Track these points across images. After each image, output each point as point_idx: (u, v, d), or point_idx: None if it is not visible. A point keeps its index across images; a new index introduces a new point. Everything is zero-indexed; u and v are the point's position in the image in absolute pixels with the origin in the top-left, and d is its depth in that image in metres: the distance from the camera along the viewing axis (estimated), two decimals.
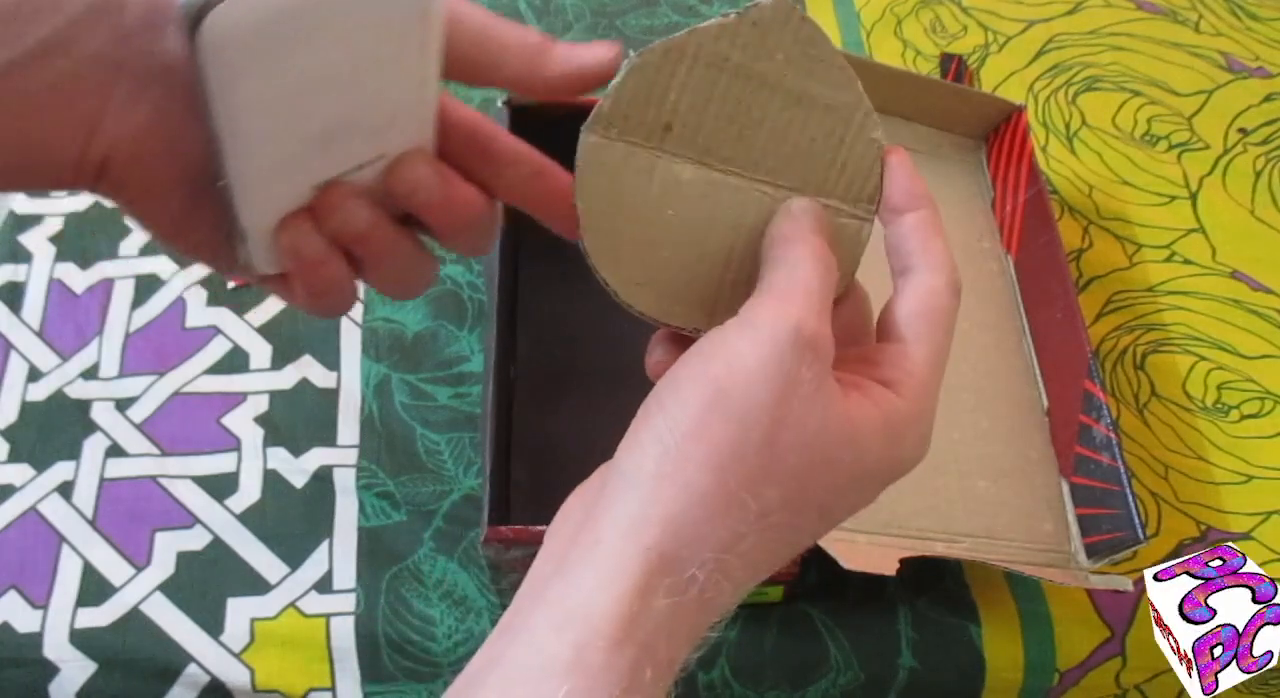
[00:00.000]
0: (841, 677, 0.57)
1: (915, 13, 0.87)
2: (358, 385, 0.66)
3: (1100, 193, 0.76)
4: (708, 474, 0.27)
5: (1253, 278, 0.73)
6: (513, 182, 0.32)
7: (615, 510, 0.27)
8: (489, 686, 0.26)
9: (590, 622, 0.26)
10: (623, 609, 0.26)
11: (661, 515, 0.27)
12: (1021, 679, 0.58)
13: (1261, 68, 0.84)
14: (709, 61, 0.30)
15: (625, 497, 0.27)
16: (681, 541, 0.27)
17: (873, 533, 0.53)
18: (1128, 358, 0.69)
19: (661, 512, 0.27)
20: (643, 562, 0.26)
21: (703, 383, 0.28)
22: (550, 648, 0.26)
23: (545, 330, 0.67)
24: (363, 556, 0.60)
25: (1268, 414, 0.67)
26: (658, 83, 0.30)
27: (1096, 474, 0.57)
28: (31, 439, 0.64)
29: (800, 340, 0.28)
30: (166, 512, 0.61)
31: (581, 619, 0.26)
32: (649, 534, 0.27)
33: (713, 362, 0.28)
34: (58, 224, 0.73)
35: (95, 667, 0.56)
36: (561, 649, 0.26)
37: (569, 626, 0.26)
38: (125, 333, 0.68)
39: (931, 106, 0.69)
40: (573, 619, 0.26)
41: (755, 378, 0.27)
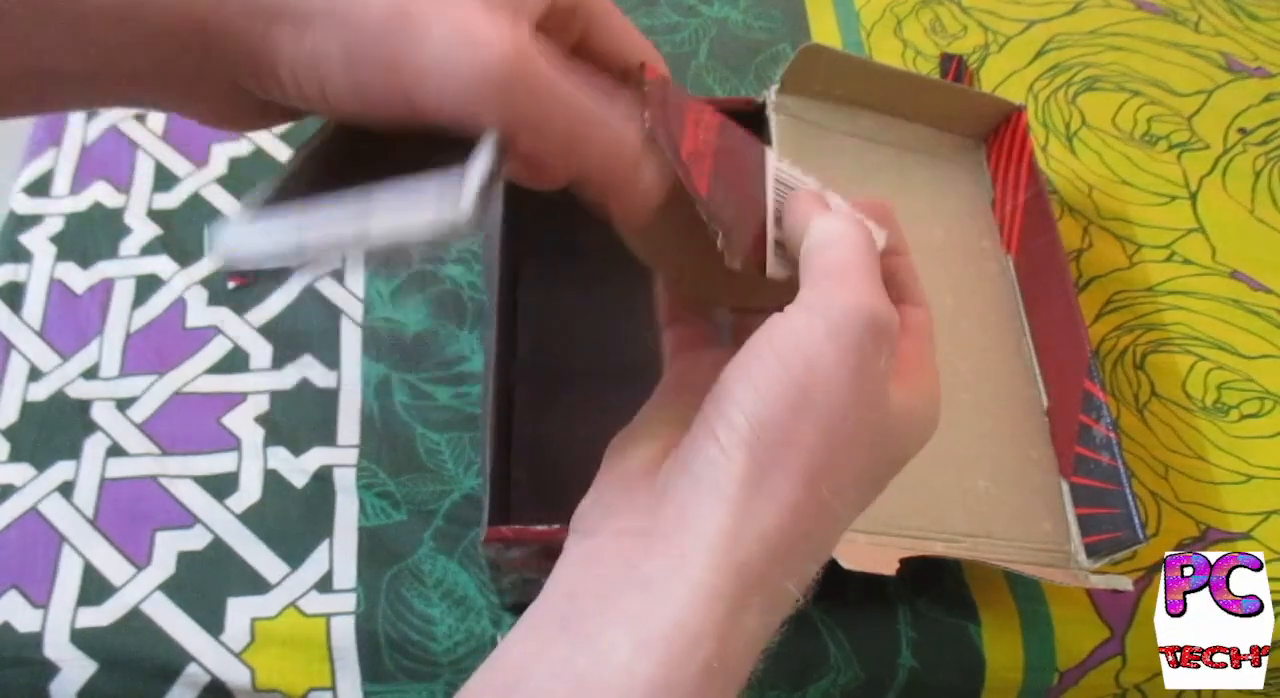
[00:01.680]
0: (841, 677, 0.58)
1: (915, 13, 0.87)
2: (358, 385, 0.66)
3: (1100, 193, 0.76)
4: (802, 486, 0.26)
5: (1253, 278, 0.73)
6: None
7: (702, 526, 0.26)
8: (557, 694, 0.24)
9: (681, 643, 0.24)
10: (716, 630, 0.25)
11: (756, 530, 0.25)
12: (1021, 679, 0.58)
13: (1261, 68, 0.84)
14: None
15: (711, 508, 0.26)
16: (776, 556, 0.26)
17: (873, 533, 0.53)
18: (1128, 358, 0.69)
19: (757, 527, 0.25)
20: (738, 580, 0.25)
21: (785, 384, 0.26)
22: (633, 667, 0.24)
23: (545, 330, 0.67)
24: (363, 555, 0.60)
25: (1268, 414, 0.67)
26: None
27: (1096, 474, 0.57)
28: (32, 439, 0.64)
29: (876, 328, 0.26)
30: (167, 512, 0.61)
31: (669, 638, 0.24)
32: (743, 550, 0.25)
33: (791, 360, 0.26)
34: (58, 224, 0.73)
35: (95, 667, 0.56)
36: (646, 669, 0.24)
37: (655, 644, 0.24)
38: (125, 333, 0.68)
39: (931, 106, 0.69)
40: (659, 637, 0.24)
41: (838, 377, 0.26)
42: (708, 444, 0.26)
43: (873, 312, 0.26)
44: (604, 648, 0.25)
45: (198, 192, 0.75)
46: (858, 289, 0.27)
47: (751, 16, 0.86)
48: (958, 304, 0.64)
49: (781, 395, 0.26)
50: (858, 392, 0.26)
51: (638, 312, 0.67)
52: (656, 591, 0.25)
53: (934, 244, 0.66)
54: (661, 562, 0.25)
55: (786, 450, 0.26)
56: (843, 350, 0.26)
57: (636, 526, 0.27)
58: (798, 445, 0.26)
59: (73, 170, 0.76)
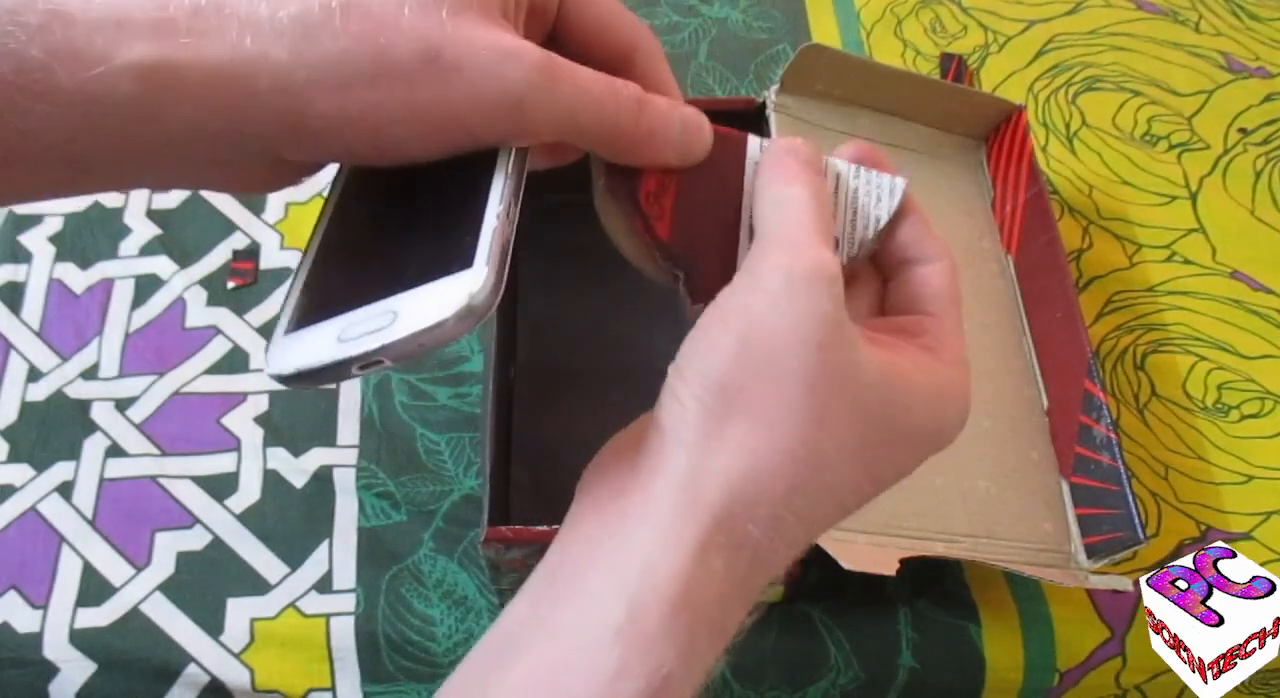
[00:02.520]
0: (841, 677, 0.57)
1: (915, 13, 0.87)
2: (358, 385, 0.66)
3: (1100, 193, 0.76)
4: (755, 428, 0.27)
5: (1253, 278, 0.73)
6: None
7: (666, 470, 0.27)
8: (539, 644, 0.26)
9: (646, 585, 0.25)
10: (678, 572, 0.25)
11: (713, 472, 0.26)
12: (1021, 679, 0.58)
13: (1261, 68, 0.84)
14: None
15: (674, 456, 0.27)
16: (736, 497, 0.26)
17: (873, 533, 0.53)
18: (1128, 358, 0.69)
19: (713, 468, 0.27)
20: (698, 522, 0.26)
21: (727, 338, 0.27)
22: (603, 611, 0.25)
23: (545, 330, 0.67)
24: (363, 556, 0.60)
25: (1268, 414, 0.67)
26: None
27: (1096, 474, 0.57)
28: (31, 439, 0.64)
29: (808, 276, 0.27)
30: (166, 512, 0.61)
31: (637, 581, 0.25)
32: (703, 493, 0.26)
33: (730, 315, 0.28)
34: (58, 224, 0.73)
35: (95, 667, 0.56)
36: (616, 612, 0.25)
37: (624, 587, 0.25)
38: (125, 333, 0.68)
39: (931, 106, 0.69)
40: (628, 581, 0.25)
41: (775, 323, 0.27)
42: (670, 402, 0.28)
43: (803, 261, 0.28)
44: (582, 596, 0.26)
45: (197, 191, 0.75)
46: (793, 244, 0.28)
47: (751, 16, 0.86)
48: None
49: (725, 348, 0.27)
50: (800, 334, 0.27)
51: (638, 312, 0.67)
52: (628, 537, 0.26)
53: None
54: (634, 510, 0.27)
55: (735, 397, 0.27)
56: (775, 298, 0.27)
57: (619, 484, 0.28)
58: (745, 392, 0.27)
59: None
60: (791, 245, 0.28)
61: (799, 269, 0.27)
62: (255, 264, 0.72)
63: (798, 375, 0.27)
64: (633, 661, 0.25)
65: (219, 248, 0.72)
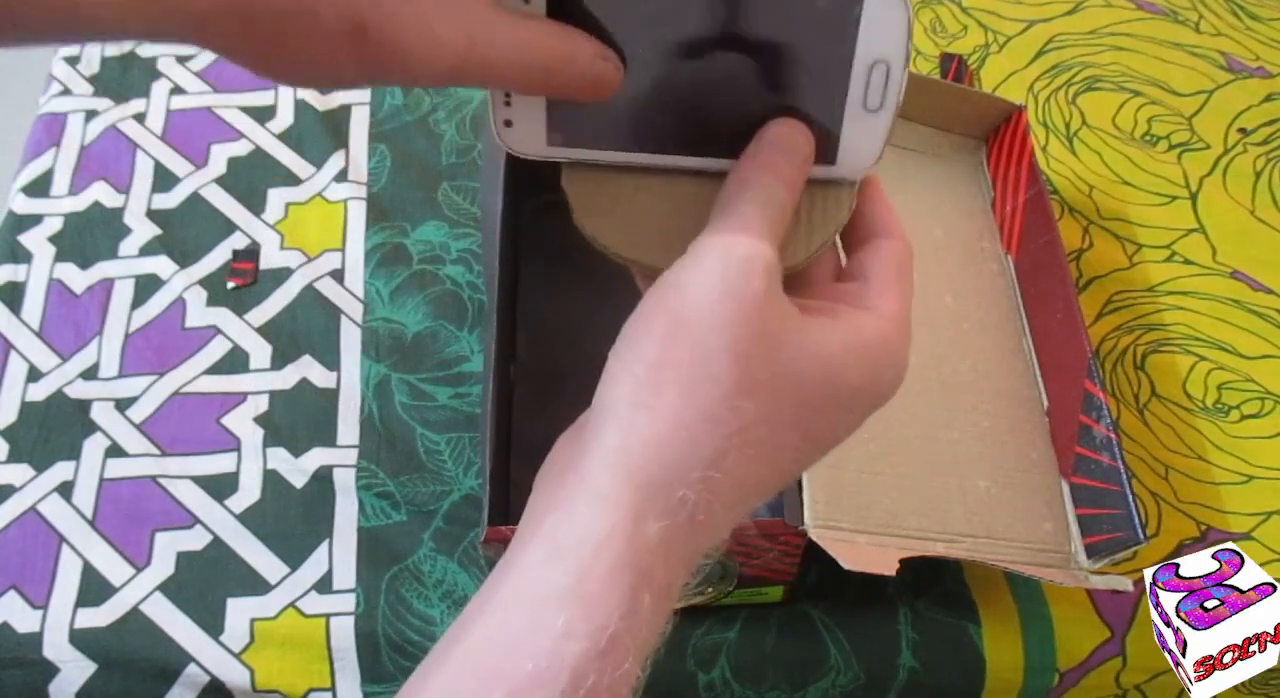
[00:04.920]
0: (841, 677, 0.57)
1: (915, 13, 0.87)
2: (358, 385, 0.66)
3: (1100, 193, 0.76)
4: (680, 396, 0.28)
5: (1253, 278, 0.73)
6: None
7: (598, 444, 0.28)
8: (486, 614, 0.26)
9: (586, 550, 0.26)
10: (617, 536, 0.26)
11: (642, 441, 0.28)
12: (1021, 679, 0.58)
13: (1261, 68, 0.84)
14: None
15: (606, 429, 0.28)
16: (665, 463, 0.27)
17: (873, 533, 0.53)
18: (1128, 358, 0.69)
19: (642, 437, 0.28)
20: (631, 488, 0.27)
21: (659, 313, 0.29)
22: (548, 578, 0.26)
23: (545, 330, 0.67)
24: (363, 556, 0.60)
25: (1268, 414, 0.67)
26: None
27: (1096, 474, 0.56)
28: (31, 439, 0.64)
29: (743, 258, 0.29)
30: (166, 512, 0.61)
31: (576, 548, 0.26)
32: (633, 460, 0.27)
33: (666, 293, 0.29)
34: (58, 224, 0.73)
35: (95, 667, 0.56)
36: (559, 578, 0.26)
37: (565, 555, 0.26)
38: (125, 333, 0.68)
39: (931, 106, 0.69)
40: (568, 549, 0.26)
41: (705, 299, 0.28)
42: (607, 381, 0.29)
43: (738, 244, 0.29)
44: (525, 566, 0.27)
45: (197, 191, 0.75)
46: (727, 231, 0.30)
47: None
48: (958, 304, 0.64)
49: (658, 323, 0.29)
50: (730, 310, 0.28)
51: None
52: (566, 507, 0.28)
53: (934, 244, 0.66)
54: (573, 481, 0.28)
55: (665, 370, 0.28)
56: (709, 277, 0.28)
57: (564, 466, 0.29)
58: (675, 364, 0.28)
59: (72, 170, 0.76)
60: (738, 231, 0.29)
61: (738, 251, 0.29)
62: (255, 264, 0.72)
63: (725, 346, 0.28)
64: (578, 621, 0.25)
65: (219, 248, 0.72)
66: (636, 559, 0.26)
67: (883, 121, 0.31)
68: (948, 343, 0.62)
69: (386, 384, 0.66)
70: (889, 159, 0.34)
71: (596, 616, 0.26)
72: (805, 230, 0.33)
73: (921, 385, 0.60)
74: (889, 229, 0.33)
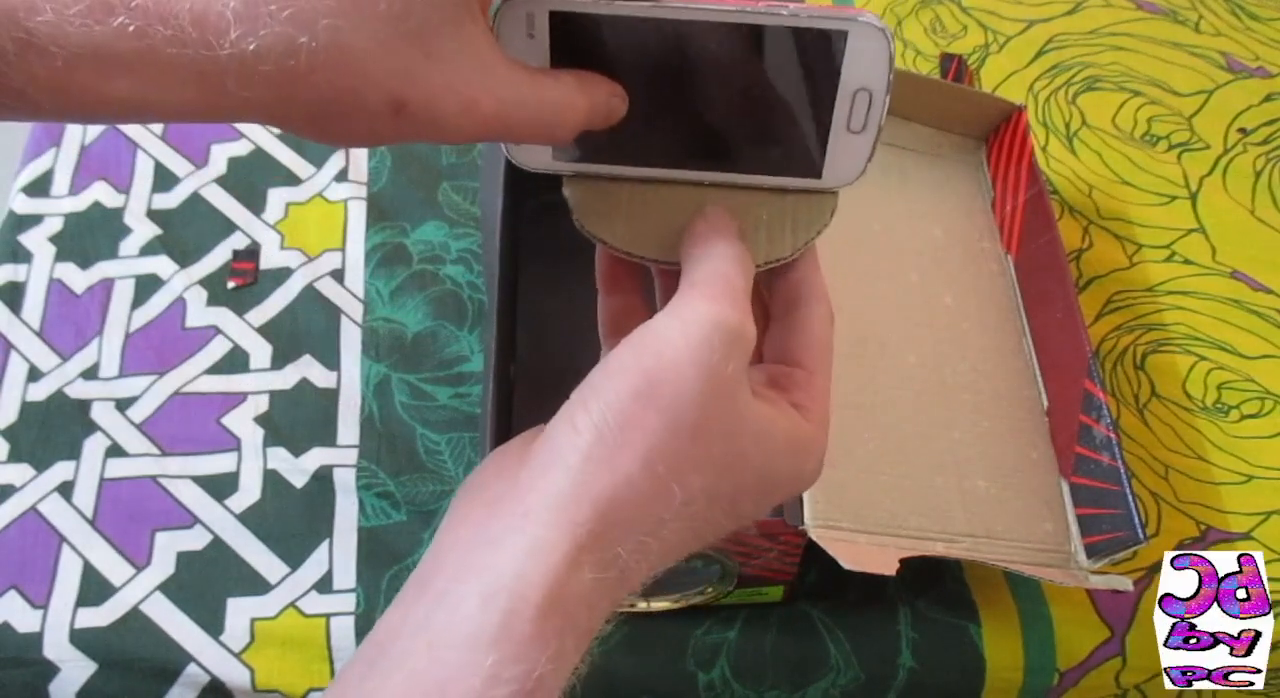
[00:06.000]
0: (841, 677, 0.57)
1: (915, 13, 0.87)
2: (358, 385, 0.66)
3: (1100, 193, 0.76)
4: (639, 462, 0.28)
5: (1253, 278, 0.73)
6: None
7: (546, 485, 0.28)
8: (416, 651, 0.27)
9: (519, 591, 0.26)
10: (551, 580, 0.27)
11: (593, 497, 0.28)
12: (1021, 679, 0.58)
13: (1261, 68, 0.84)
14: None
15: (556, 474, 0.28)
16: (610, 522, 0.28)
17: (873, 533, 0.53)
18: (1128, 358, 0.69)
19: (593, 493, 0.28)
20: (572, 538, 0.27)
21: (634, 373, 0.29)
22: (478, 617, 0.26)
23: (545, 330, 0.67)
24: (363, 556, 0.60)
25: (1268, 414, 0.67)
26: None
27: (1096, 474, 0.57)
28: (31, 439, 0.64)
29: (727, 335, 0.29)
30: (166, 512, 0.61)
31: (510, 589, 0.27)
32: (580, 513, 0.28)
33: (644, 353, 0.29)
34: (58, 224, 0.73)
35: (95, 667, 0.56)
36: (490, 618, 0.26)
37: (498, 595, 0.27)
38: (125, 333, 0.68)
39: (931, 106, 0.69)
40: (501, 589, 0.27)
41: (684, 370, 0.29)
42: (565, 424, 0.29)
43: (726, 319, 0.29)
44: (456, 603, 0.27)
45: (197, 191, 0.75)
46: (717, 299, 0.30)
47: None
48: (958, 304, 0.64)
49: (631, 383, 0.29)
50: (704, 386, 0.29)
51: None
52: (502, 546, 0.28)
53: (934, 244, 0.66)
54: (509, 521, 0.28)
55: (630, 432, 0.28)
56: (691, 348, 0.29)
57: (498, 492, 0.29)
58: (641, 428, 0.28)
59: (72, 170, 0.76)
60: (723, 301, 0.30)
61: (726, 327, 0.29)
62: (255, 264, 0.72)
63: (692, 425, 0.29)
64: (507, 664, 0.26)
65: (219, 248, 0.72)
66: (566, 606, 0.27)
67: (866, 141, 0.33)
68: (948, 343, 0.62)
69: (387, 384, 0.66)
70: (889, 159, 0.34)
71: (526, 660, 0.26)
72: (791, 230, 0.34)
73: (921, 385, 0.60)
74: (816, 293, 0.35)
